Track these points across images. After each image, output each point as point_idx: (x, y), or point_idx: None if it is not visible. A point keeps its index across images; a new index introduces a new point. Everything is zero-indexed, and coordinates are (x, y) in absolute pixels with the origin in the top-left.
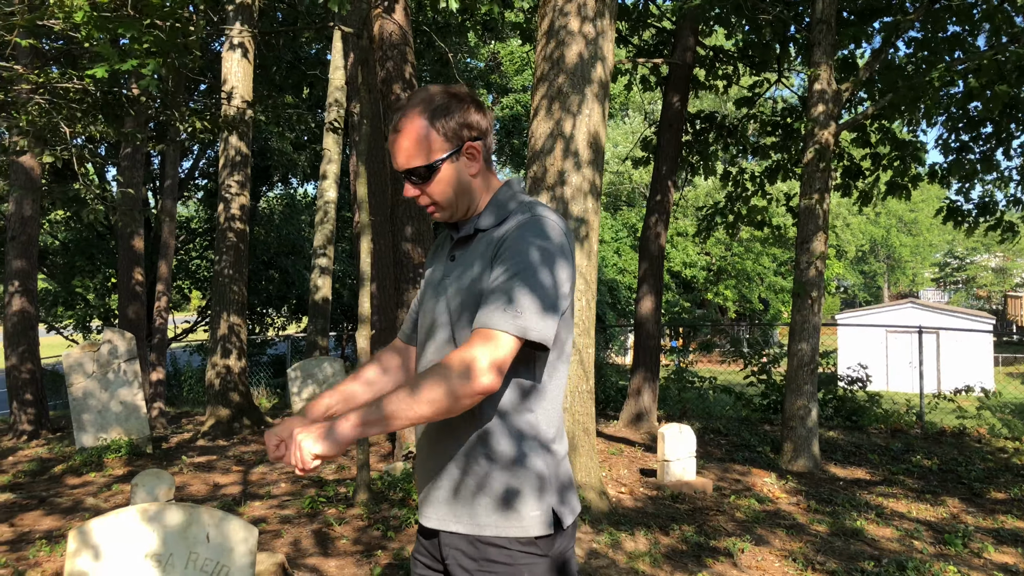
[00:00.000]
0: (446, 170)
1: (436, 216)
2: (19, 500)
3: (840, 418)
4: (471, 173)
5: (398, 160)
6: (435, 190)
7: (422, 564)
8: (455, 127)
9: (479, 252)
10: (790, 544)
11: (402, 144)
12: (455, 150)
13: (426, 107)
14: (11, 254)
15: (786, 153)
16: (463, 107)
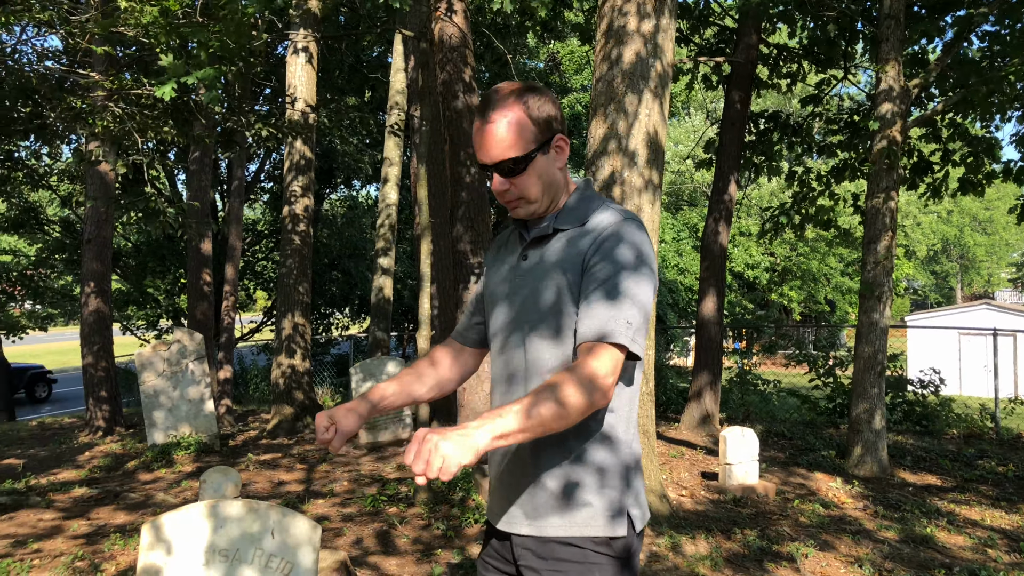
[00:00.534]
0: (538, 163)
1: (519, 212)
2: (95, 495)
3: (910, 422)
4: (558, 167)
5: (491, 151)
6: (526, 183)
7: (493, 568)
8: (546, 119)
9: (560, 253)
10: (856, 550)
11: (495, 134)
12: (546, 142)
13: (519, 97)
14: (87, 256)
15: (853, 151)
16: (551, 101)
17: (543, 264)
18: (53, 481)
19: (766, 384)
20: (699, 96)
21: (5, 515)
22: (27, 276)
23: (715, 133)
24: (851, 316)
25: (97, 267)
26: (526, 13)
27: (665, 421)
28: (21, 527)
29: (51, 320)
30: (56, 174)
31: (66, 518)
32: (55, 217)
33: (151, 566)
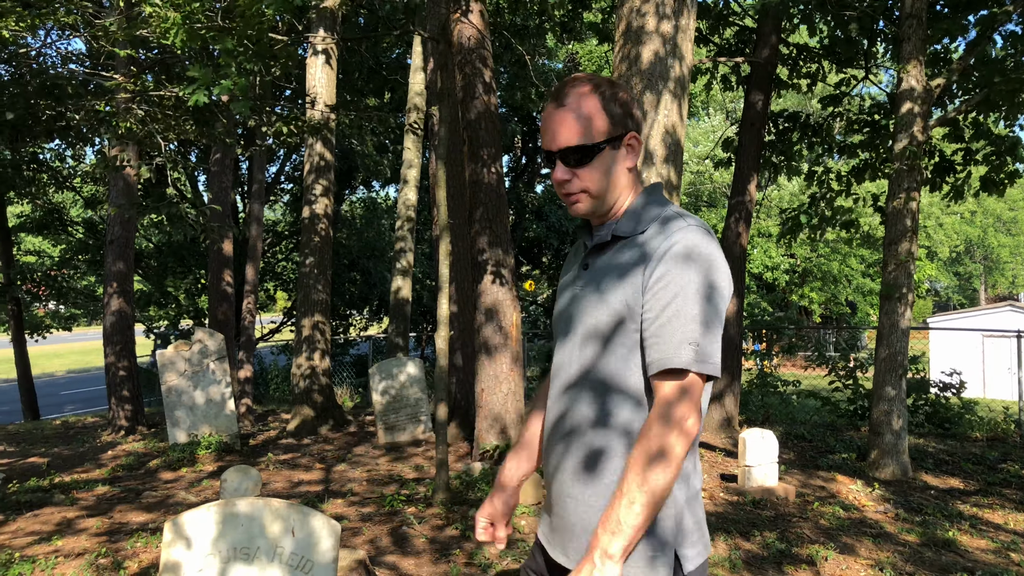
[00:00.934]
0: (606, 157)
1: (578, 207)
2: (117, 493)
3: (932, 425)
4: (627, 166)
5: (558, 136)
6: (590, 176)
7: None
8: (622, 113)
9: (619, 263)
10: (877, 553)
11: (566, 119)
12: (617, 137)
13: (596, 87)
14: (110, 257)
15: (874, 152)
16: (628, 96)
17: (600, 275)
18: (77, 479)
19: (786, 386)
20: (719, 96)
21: (30, 512)
22: (51, 276)
23: (734, 133)
24: (872, 318)
25: (120, 268)
26: (544, 14)
27: None
28: (45, 524)
29: (74, 320)
30: (79, 176)
31: (89, 516)
32: (78, 218)
33: (173, 563)
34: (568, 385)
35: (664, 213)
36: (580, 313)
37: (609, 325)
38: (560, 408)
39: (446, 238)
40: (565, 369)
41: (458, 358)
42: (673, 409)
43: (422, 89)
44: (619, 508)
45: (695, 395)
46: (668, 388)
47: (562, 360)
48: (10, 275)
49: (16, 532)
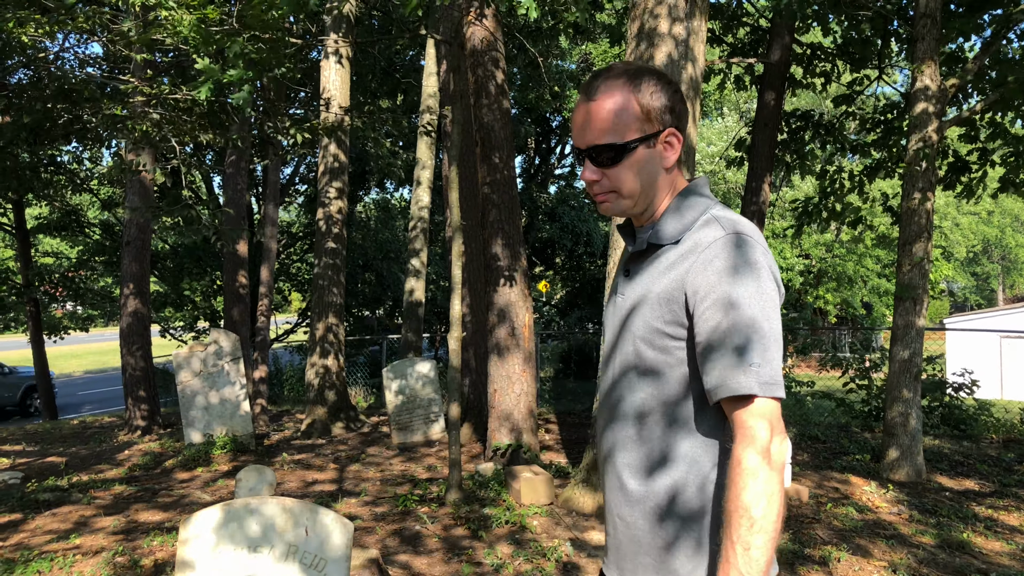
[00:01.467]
0: (639, 155)
1: (608, 207)
2: (134, 492)
3: (947, 426)
4: (664, 166)
5: (585, 134)
6: (621, 176)
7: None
8: (660, 108)
9: (655, 271)
10: (891, 555)
11: (596, 115)
12: (654, 134)
13: (632, 79)
14: (126, 259)
15: (888, 151)
16: (671, 89)
17: (638, 287)
18: (94, 478)
19: (800, 387)
20: (732, 95)
21: (48, 511)
22: (68, 278)
23: (747, 133)
24: (888, 318)
25: (136, 269)
26: (556, 16)
27: None
28: (64, 523)
29: (91, 321)
30: (96, 178)
31: (106, 514)
32: (95, 220)
33: (188, 561)
34: (610, 404)
35: (704, 217)
36: (621, 325)
37: (648, 340)
38: (604, 420)
39: (459, 239)
40: (607, 384)
41: (471, 359)
42: (756, 433)
43: (435, 91)
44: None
45: (772, 417)
46: (741, 416)
47: (606, 374)
48: (28, 276)
49: (35, 530)
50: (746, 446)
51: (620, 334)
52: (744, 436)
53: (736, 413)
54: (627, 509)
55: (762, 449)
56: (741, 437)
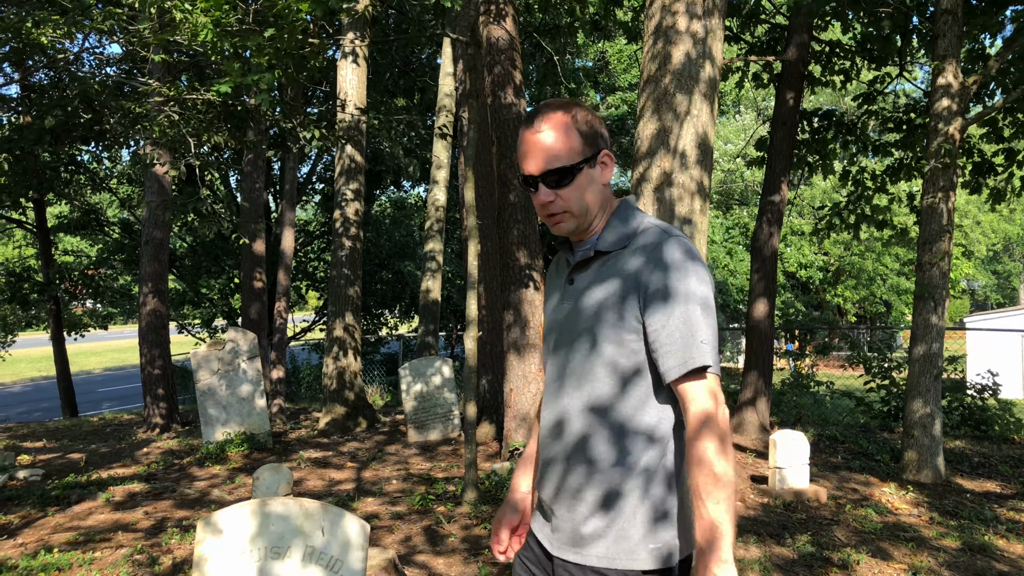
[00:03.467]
0: (584, 176)
1: (562, 227)
2: (152, 490)
3: (968, 427)
4: (603, 183)
5: (537, 161)
6: (571, 196)
7: (529, 571)
8: (593, 133)
9: (606, 278)
10: (911, 557)
11: (543, 144)
12: (592, 155)
13: (568, 110)
14: (145, 257)
15: (909, 150)
16: (598, 117)
17: (589, 290)
18: (113, 476)
19: (819, 386)
20: (750, 93)
21: (68, 508)
22: (88, 276)
23: (766, 132)
24: (907, 317)
25: (154, 268)
26: (574, 13)
27: None
28: (83, 520)
29: (111, 319)
30: (115, 177)
31: (125, 512)
32: (114, 219)
33: (205, 560)
34: (563, 396)
35: (643, 226)
36: (572, 328)
37: (604, 336)
38: (556, 417)
39: (475, 239)
40: (558, 381)
41: (487, 358)
42: (709, 406)
43: (452, 90)
44: (708, 512)
45: (719, 391)
46: (696, 389)
47: (555, 373)
48: (49, 274)
49: (55, 527)
50: (703, 415)
51: (573, 335)
52: (701, 406)
53: (690, 387)
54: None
55: (716, 416)
56: (697, 407)
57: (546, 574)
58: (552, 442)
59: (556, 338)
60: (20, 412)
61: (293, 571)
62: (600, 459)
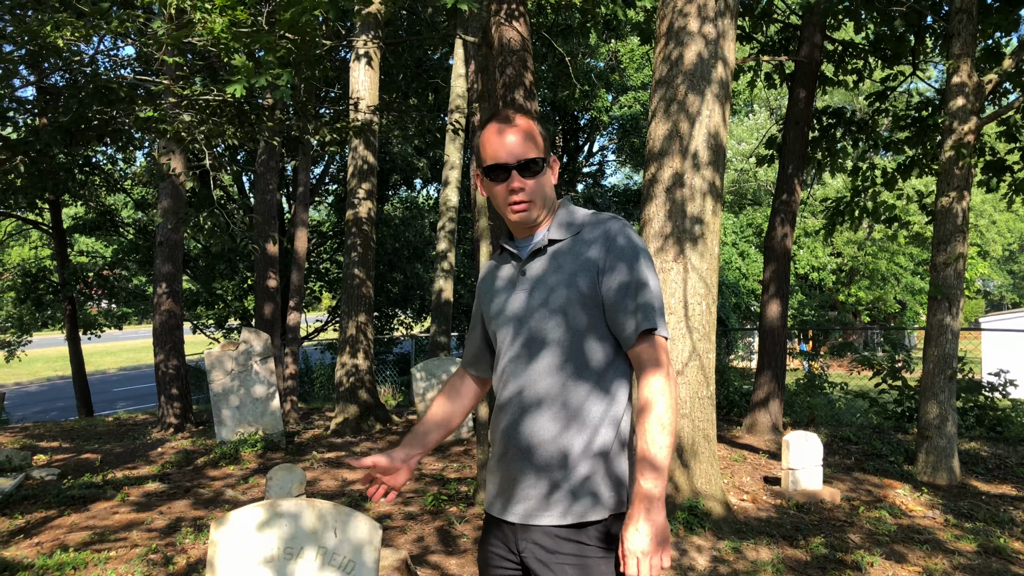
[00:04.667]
0: (546, 172)
1: (525, 215)
2: (167, 490)
3: (983, 428)
4: (553, 182)
5: (515, 151)
6: (537, 187)
7: (496, 556)
8: (546, 139)
9: (564, 261)
10: (925, 560)
11: (518, 137)
12: (547, 158)
13: (530, 116)
14: (159, 258)
15: (922, 149)
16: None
17: (548, 274)
18: (128, 475)
19: (832, 387)
20: (762, 92)
21: (84, 507)
22: (103, 276)
23: (778, 131)
24: (922, 317)
25: (169, 269)
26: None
27: (727, 424)
28: (98, 520)
29: (126, 319)
30: (130, 178)
31: (140, 511)
32: (129, 220)
33: (218, 561)
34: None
35: (587, 214)
36: (535, 310)
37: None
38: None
39: (486, 240)
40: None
41: None
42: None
43: (464, 91)
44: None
45: (667, 350)
46: (651, 347)
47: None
48: (65, 275)
49: (71, 526)
50: (659, 370)
51: (538, 317)
52: (657, 363)
53: (646, 347)
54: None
55: (669, 368)
56: (654, 363)
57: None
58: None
59: (515, 330)
60: (36, 411)
61: (306, 571)
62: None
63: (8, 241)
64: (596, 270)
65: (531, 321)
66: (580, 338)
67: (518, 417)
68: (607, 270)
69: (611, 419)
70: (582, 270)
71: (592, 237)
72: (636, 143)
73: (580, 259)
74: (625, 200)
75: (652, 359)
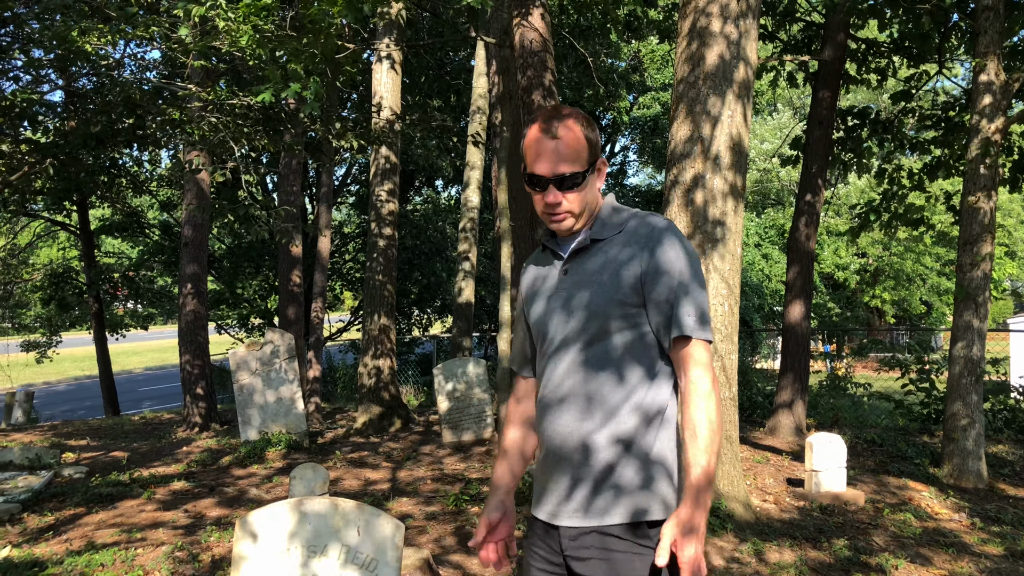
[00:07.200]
0: (589, 180)
1: (563, 226)
2: (192, 488)
3: (1012, 431)
4: (598, 186)
5: (554, 164)
6: (577, 199)
7: (540, 557)
8: (595, 142)
9: (607, 261)
10: (951, 564)
11: (560, 150)
12: (594, 163)
13: (580, 119)
14: (185, 259)
15: (948, 148)
16: (596, 127)
17: (591, 274)
18: (154, 474)
19: (856, 388)
20: (785, 92)
21: (111, 505)
22: (129, 277)
23: (802, 131)
24: (948, 318)
25: (194, 269)
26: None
27: (750, 425)
28: (126, 517)
29: (151, 319)
30: (156, 180)
31: (166, 509)
32: (155, 221)
33: (243, 559)
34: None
35: (632, 213)
36: (577, 310)
37: (612, 312)
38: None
39: (508, 240)
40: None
41: None
42: (705, 367)
43: (485, 92)
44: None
45: (712, 354)
46: (695, 351)
47: (558, 356)
48: (92, 276)
49: (99, 524)
50: (704, 373)
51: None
52: (702, 366)
53: (689, 351)
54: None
55: (711, 374)
56: (699, 367)
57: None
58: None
59: (560, 329)
60: (64, 410)
61: (329, 570)
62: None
63: (37, 242)
64: (640, 271)
65: (572, 321)
66: (622, 339)
67: (555, 417)
68: (651, 272)
69: (656, 422)
70: (625, 271)
71: (636, 237)
72: (659, 143)
73: (623, 259)
74: (647, 201)
75: (694, 364)
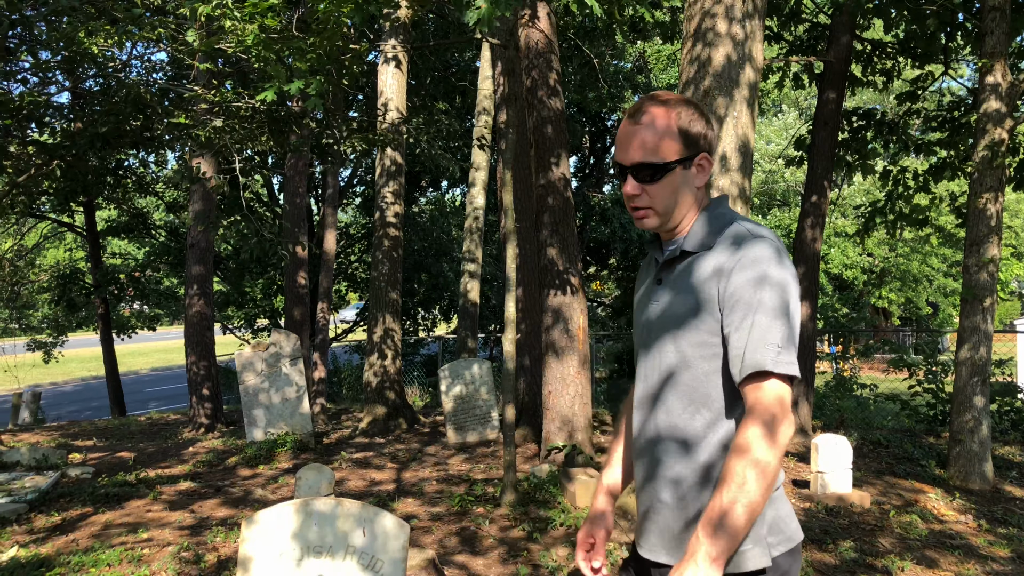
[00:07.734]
0: (676, 176)
1: (645, 222)
2: (198, 488)
3: (1018, 432)
4: (696, 186)
5: (631, 152)
6: (659, 193)
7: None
8: (696, 134)
9: (691, 278)
10: (958, 566)
11: (640, 135)
12: (689, 157)
13: (673, 107)
14: (190, 260)
15: (954, 150)
16: (705, 119)
17: (674, 289)
18: (160, 474)
19: (862, 389)
20: (791, 93)
21: (118, 505)
22: (135, 278)
23: (807, 132)
24: (955, 319)
25: (200, 270)
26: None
27: None
28: (132, 517)
29: (157, 320)
30: (162, 181)
31: (172, 510)
32: (161, 222)
33: (249, 559)
34: (651, 396)
35: (732, 228)
36: (659, 327)
37: (687, 337)
38: (643, 417)
39: (513, 241)
40: (647, 381)
41: (526, 360)
42: (764, 414)
43: (491, 93)
44: (722, 511)
45: (783, 399)
46: (757, 394)
47: (644, 372)
48: (98, 277)
49: (105, 524)
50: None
51: (661, 334)
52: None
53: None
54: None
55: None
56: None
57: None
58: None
59: (645, 337)
60: (71, 411)
61: (335, 570)
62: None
63: (44, 244)
64: (717, 298)
65: (655, 343)
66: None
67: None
68: (728, 300)
69: None
70: (705, 292)
71: (724, 258)
72: None
73: (705, 278)
74: None
75: (755, 407)
